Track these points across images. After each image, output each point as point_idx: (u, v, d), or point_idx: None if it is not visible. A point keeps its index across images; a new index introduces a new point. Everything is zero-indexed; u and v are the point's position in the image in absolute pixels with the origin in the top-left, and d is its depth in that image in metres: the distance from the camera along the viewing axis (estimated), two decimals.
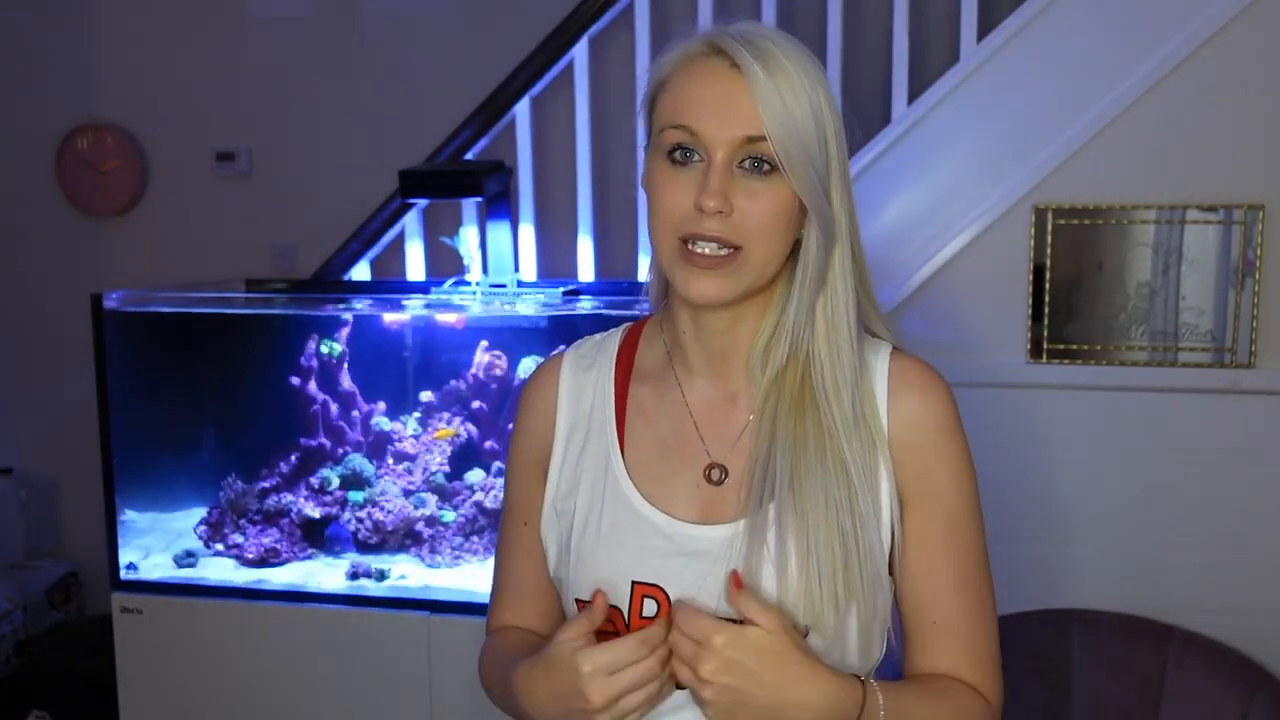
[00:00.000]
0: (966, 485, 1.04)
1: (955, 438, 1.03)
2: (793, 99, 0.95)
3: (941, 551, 1.03)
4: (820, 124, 0.96)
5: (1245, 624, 2.19)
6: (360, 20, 3.11)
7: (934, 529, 1.02)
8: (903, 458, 1.01)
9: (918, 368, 1.04)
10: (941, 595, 1.03)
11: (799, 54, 0.97)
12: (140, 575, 2.26)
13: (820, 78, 0.98)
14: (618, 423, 1.08)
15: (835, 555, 0.96)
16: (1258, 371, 2.17)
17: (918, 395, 1.02)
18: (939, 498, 1.02)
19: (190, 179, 3.28)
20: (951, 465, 1.03)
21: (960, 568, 1.04)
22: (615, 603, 1.02)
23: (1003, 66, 2.23)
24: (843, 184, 1.00)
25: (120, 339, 2.22)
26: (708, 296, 0.98)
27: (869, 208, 2.32)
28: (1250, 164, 2.15)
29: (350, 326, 2.37)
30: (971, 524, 1.05)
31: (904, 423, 1.01)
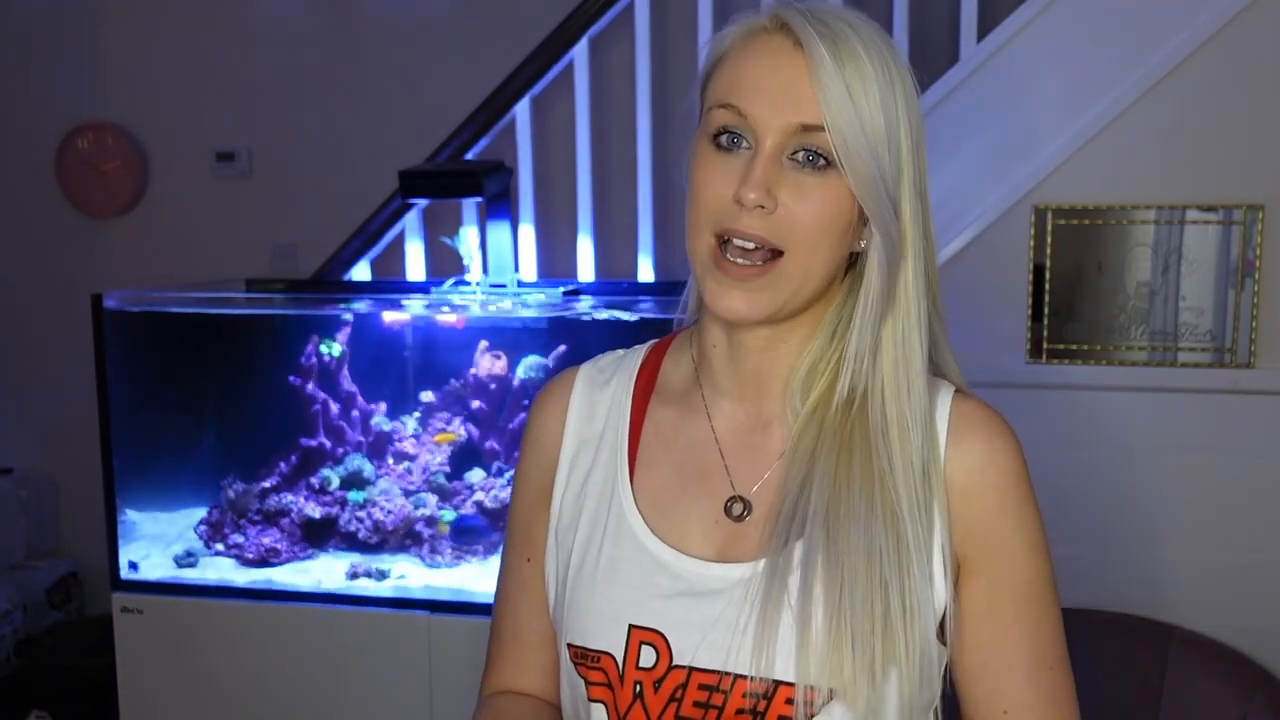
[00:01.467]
0: (1041, 547, 0.92)
1: (1024, 492, 0.90)
2: (860, 89, 0.82)
3: (1013, 625, 0.89)
4: (892, 122, 0.84)
5: (1245, 624, 2.19)
6: (361, 21, 3.11)
7: (1004, 597, 0.89)
8: (963, 510, 0.88)
9: (984, 412, 0.91)
10: (1014, 679, 0.89)
11: (877, 42, 0.85)
12: (140, 575, 2.26)
13: (900, 73, 0.86)
14: (630, 446, 0.96)
15: (875, 611, 0.82)
16: (1258, 371, 2.17)
17: (982, 442, 0.89)
18: (1009, 560, 0.89)
19: (190, 179, 3.28)
20: (1021, 523, 0.90)
21: (1036, 647, 0.90)
22: (609, 649, 0.89)
23: (1003, 66, 2.23)
24: (916, 195, 0.88)
25: (120, 339, 2.22)
26: (737, 312, 0.86)
27: None
28: (1250, 164, 2.15)
29: (350, 326, 2.37)
30: (1049, 594, 0.92)
31: (965, 470, 0.88)
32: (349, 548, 2.31)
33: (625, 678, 0.88)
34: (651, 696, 0.87)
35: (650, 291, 2.43)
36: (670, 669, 0.87)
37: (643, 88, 2.45)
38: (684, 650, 0.87)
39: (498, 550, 2.27)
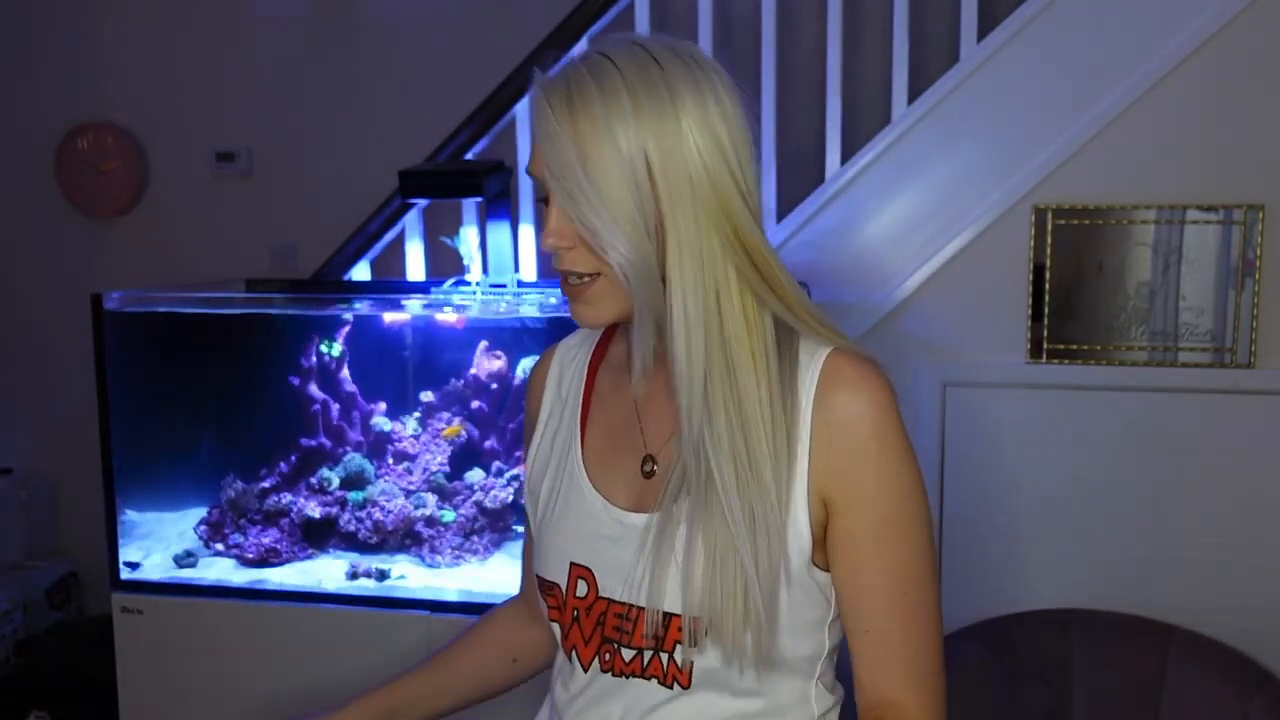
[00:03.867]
0: (901, 489, 0.99)
1: (886, 439, 0.98)
2: (570, 134, 0.92)
3: (871, 558, 0.99)
4: (632, 160, 0.92)
5: (1245, 624, 2.19)
6: (360, 20, 3.11)
7: (860, 535, 0.98)
8: (823, 459, 0.98)
9: (853, 366, 0.99)
10: (870, 603, 1.00)
11: (620, 86, 0.93)
12: (140, 575, 2.26)
13: (659, 110, 0.93)
14: (584, 410, 1.12)
15: (738, 556, 0.95)
16: (1258, 372, 2.17)
17: (845, 393, 0.98)
18: (867, 503, 0.98)
19: (190, 179, 3.28)
20: (880, 468, 0.98)
21: (891, 576, 0.99)
22: (557, 580, 1.07)
23: (1003, 66, 2.23)
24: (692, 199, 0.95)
25: (120, 339, 2.21)
26: (586, 320, 1.02)
27: (869, 208, 2.32)
28: (1250, 164, 2.15)
29: (350, 326, 2.37)
30: (906, 530, 1.00)
31: (826, 422, 0.98)
32: (349, 548, 2.30)
33: (566, 604, 1.06)
34: (585, 619, 1.05)
35: None
36: (596, 600, 1.04)
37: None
38: (605, 585, 1.03)
39: (497, 550, 2.27)
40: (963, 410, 2.30)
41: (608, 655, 1.03)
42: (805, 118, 2.65)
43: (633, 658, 1.02)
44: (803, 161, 2.66)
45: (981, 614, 2.29)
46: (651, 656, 1.01)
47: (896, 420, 0.99)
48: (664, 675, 1.01)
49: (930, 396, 2.31)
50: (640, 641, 1.00)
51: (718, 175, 0.95)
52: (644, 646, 1.00)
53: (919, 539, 1.00)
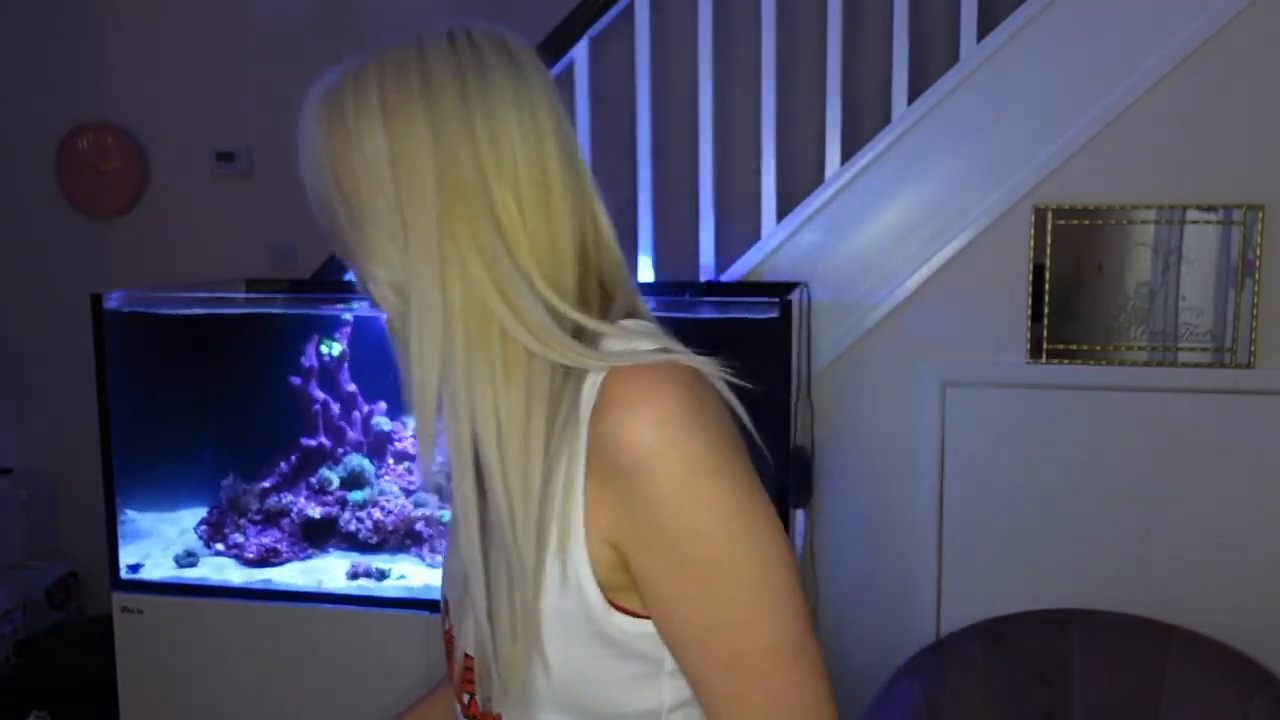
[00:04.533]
0: (696, 522, 0.78)
1: (669, 465, 0.77)
2: (306, 144, 0.88)
3: (670, 606, 0.80)
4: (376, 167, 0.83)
5: (1245, 624, 2.19)
6: (361, 20, 3.11)
7: (654, 580, 0.80)
8: (599, 496, 0.80)
9: (631, 382, 0.80)
10: (689, 659, 0.82)
11: (335, 99, 0.86)
12: (140, 575, 2.26)
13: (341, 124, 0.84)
14: None
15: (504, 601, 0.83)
16: (1258, 371, 2.17)
17: (616, 417, 0.79)
18: (654, 543, 0.79)
19: (190, 179, 3.28)
20: (657, 503, 0.78)
21: (701, 626, 0.80)
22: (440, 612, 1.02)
23: (1003, 66, 2.23)
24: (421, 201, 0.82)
25: (120, 339, 2.21)
26: None
27: (870, 207, 2.32)
28: (1250, 164, 2.15)
29: (350, 326, 2.37)
30: (712, 571, 0.79)
31: (599, 454, 0.79)
32: (349, 548, 2.31)
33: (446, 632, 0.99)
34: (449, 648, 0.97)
35: (650, 291, 2.44)
36: (446, 632, 0.98)
37: (643, 88, 2.45)
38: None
39: None
40: (963, 410, 2.30)
41: (467, 699, 0.92)
42: (805, 118, 2.65)
43: (469, 701, 0.92)
44: (803, 161, 2.66)
45: (981, 614, 2.29)
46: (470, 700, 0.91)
47: (685, 440, 0.78)
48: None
49: (930, 396, 2.31)
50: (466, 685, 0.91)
51: (478, 179, 0.82)
52: (469, 690, 0.91)
53: (735, 579, 0.79)
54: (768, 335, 1.99)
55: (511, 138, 0.83)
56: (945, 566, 2.35)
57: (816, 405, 2.36)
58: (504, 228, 0.82)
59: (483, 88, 0.85)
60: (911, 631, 2.37)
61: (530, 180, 0.83)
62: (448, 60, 0.86)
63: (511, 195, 0.83)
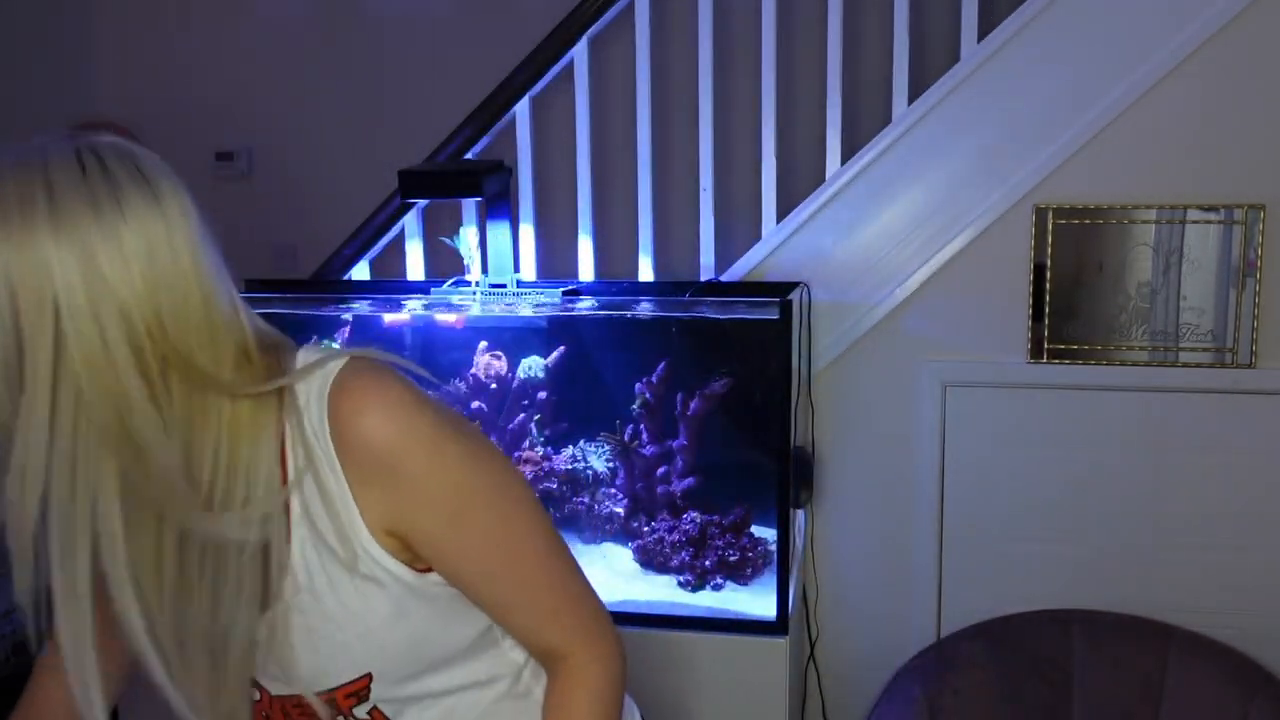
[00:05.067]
0: (446, 483, 0.92)
1: (406, 449, 0.90)
2: None
3: (452, 556, 0.94)
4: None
5: (1245, 624, 2.19)
6: (360, 20, 3.11)
7: (437, 540, 0.93)
8: (366, 500, 0.91)
9: (344, 394, 0.91)
10: (483, 591, 0.97)
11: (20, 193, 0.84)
12: None
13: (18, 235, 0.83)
14: None
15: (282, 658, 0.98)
16: (1258, 371, 2.17)
17: (351, 423, 0.90)
18: (426, 514, 0.92)
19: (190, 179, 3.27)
20: (414, 479, 0.91)
21: (481, 560, 0.95)
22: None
23: (1003, 66, 2.23)
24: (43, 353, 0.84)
25: None
26: None
27: (870, 207, 2.32)
28: (1250, 164, 2.15)
29: (350, 326, 2.36)
30: (475, 515, 0.94)
31: (350, 460, 0.90)
32: None
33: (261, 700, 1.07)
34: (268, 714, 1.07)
35: (650, 291, 2.43)
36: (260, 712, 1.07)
37: (643, 88, 2.45)
38: None
39: None
40: (963, 410, 2.30)
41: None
42: (805, 118, 2.65)
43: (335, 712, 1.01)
44: (803, 161, 2.66)
45: (981, 614, 2.29)
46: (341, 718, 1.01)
47: (415, 420, 0.91)
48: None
49: (930, 396, 2.30)
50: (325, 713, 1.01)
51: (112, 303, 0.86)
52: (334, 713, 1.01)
53: (491, 518, 0.95)
54: (768, 335, 1.99)
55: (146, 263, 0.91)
56: (945, 566, 2.35)
57: (816, 405, 2.36)
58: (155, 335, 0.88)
59: (116, 212, 0.89)
60: (911, 631, 2.37)
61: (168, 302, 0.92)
62: (78, 185, 0.87)
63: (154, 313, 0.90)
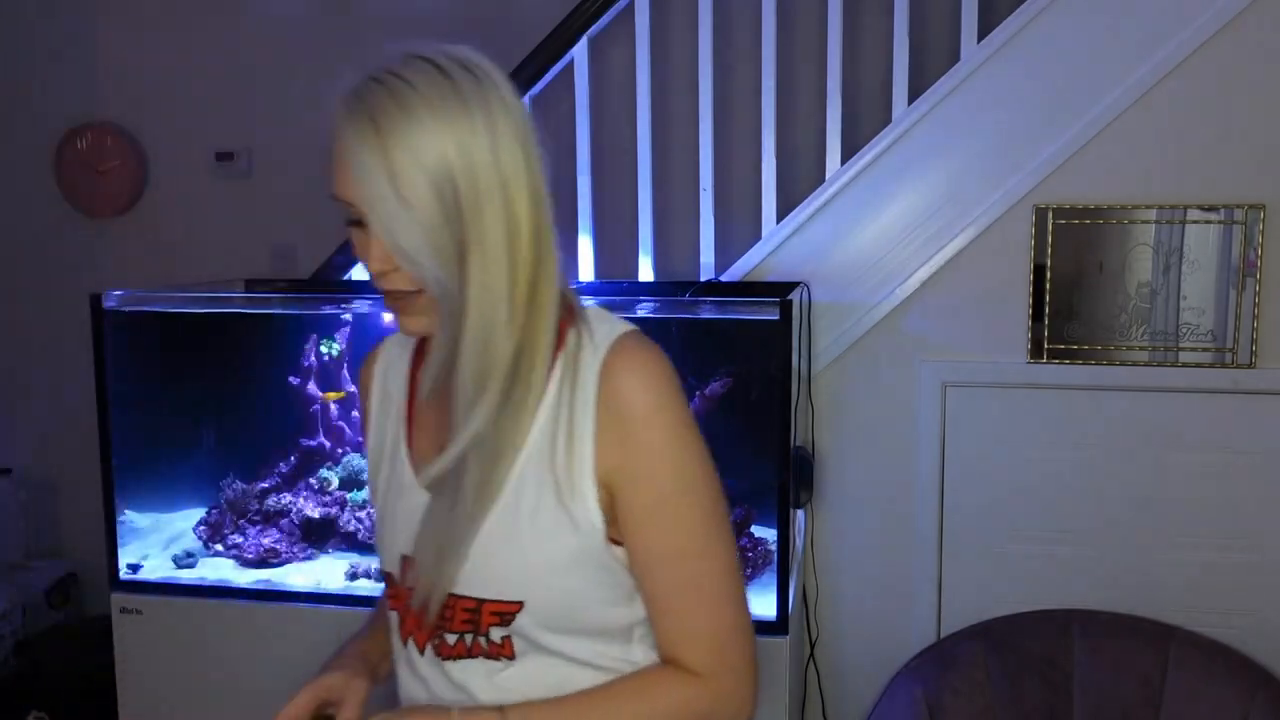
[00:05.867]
0: (677, 465, 1.02)
1: (660, 420, 1.01)
2: (380, 163, 0.94)
3: (648, 530, 1.03)
4: (438, 176, 0.94)
5: (1245, 624, 2.19)
6: (360, 20, 3.11)
7: (640, 510, 1.02)
8: (604, 444, 1.01)
9: (627, 354, 1.03)
10: (652, 573, 1.04)
11: (418, 103, 0.95)
12: (140, 576, 2.26)
13: (455, 123, 0.95)
14: (408, 407, 1.15)
15: (504, 536, 1.01)
16: (1258, 371, 2.17)
17: (623, 378, 1.01)
18: (644, 481, 1.02)
19: (190, 179, 3.28)
20: (654, 448, 1.01)
21: (672, 545, 1.03)
22: (392, 570, 1.12)
23: (1003, 66, 2.23)
24: (491, 222, 0.97)
25: (120, 339, 2.21)
26: (411, 331, 1.05)
27: (870, 208, 2.32)
28: (1250, 164, 2.15)
29: (350, 326, 2.37)
30: (686, 502, 1.03)
31: (606, 410, 1.01)
32: (349, 548, 2.30)
33: (400, 593, 1.11)
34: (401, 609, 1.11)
35: (650, 292, 2.43)
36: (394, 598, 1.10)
37: (643, 88, 2.45)
38: None
39: None
40: (963, 410, 2.30)
41: (437, 640, 1.07)
42: (805, 118, 2.65)
43: (455, 641, 1.06)
44: (803, 161, 2.66)
45: (981, 614, 2.29)
46: (473, 639, 1.05)
47: (672, 402, 1.02)
48: (489, 654, 1.05)
49: (930, 396, 2.30)
50: (458, 626, 1.05)
51: (518, 185, 0.98)
52: (463, 630, 1.05)
53: (698, 514, 1.03)
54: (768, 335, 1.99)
55: (530, 145, 1.00)
56: (945, 566, 2.35)
57: (816, 405, 2.36)
58: (545, 226, 1.00)
59: (503, 104, 0.99)
60: (911, 631, 2.37)
61: (543, 183, 1.01)
62: (468, 80, 0.97)
63: (541, 200, 1.00)
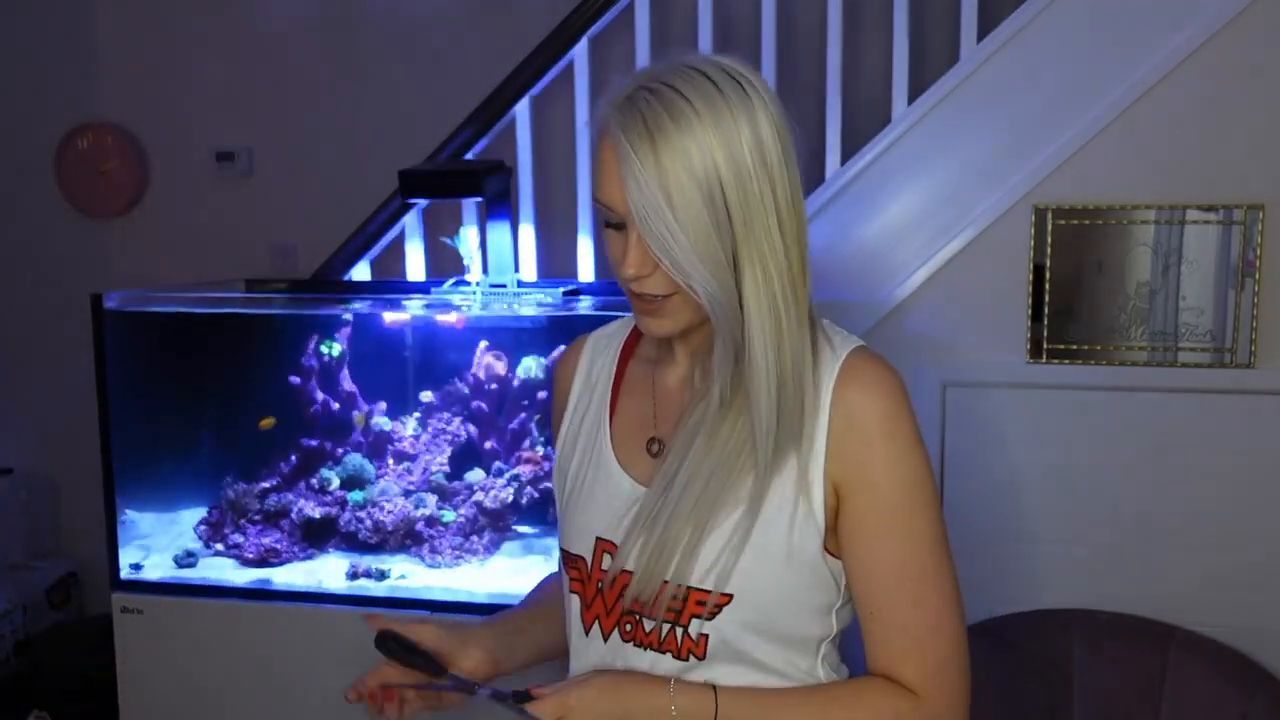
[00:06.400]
0: (908, 477, 1.06)
1: (896, 433, 1.05)
2: (653, 172, 0.96)
3: (877, 541, 1.05)
4: (709, 185, 0.97)
5: (1245, 624, 2.19)
6: (360, 20, 3.11)
7: (870, 519, 1.05)
8: (838, 449, 1.04)
9: (866, 366, 1.07)
10: (878, 586, 1.05)
11: (690, 114, 0.97)
12: (140, 575, 2.26)
13: (725, 132, 0.98)
14: (613, 395, 1.19)
15: (731, 529, 1.02)
16: (1258, 371, 2.17)
17: (861, 390, 1.05)
18: (875, 490, 1.04)
19: (190, 179, 3.28)
20: (888, 458, 1.04)
21: (900, 559, 1.05)
22: (582, 554, 1.12)
23: (1003, 66, 2.23)
24: (770, 219, 1.00)
25: (120, 339, 2.21)
26: (658, 332, 1.08)
27: (869, 208, 2.32)
28: (1250, 164, 2.15)
29: (350, 326, 2.37)
30: (913, 519, 1.06)
31: (842, 416, 1.04)
32: (349, 548, 2.31)
33: (591, 576, 1.11)
34: (609, 591, 1.10)
35: None
36: (620, 572, 1.08)
37: None
38: (629, 558, 1.07)
39: (497, 551, 2.27)
40: (963, 410, 2.30)
41: (629, 626, 1.08)
42: (805, 118, 2.65)
43: (653, 629, 1.07)
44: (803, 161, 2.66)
45: (982, 614, 2.29)
46: (669, 630, 1.06)
47: (908, 416, 1.06)
48: (679, 649, 1.06)
49: (930, 396, 2.31)
50: (659, 614, 1.05)
51: (783, 193, 1.01)
52: (665, 619, 1.06)
53: (926, 529, 1.06)
54: None
55: (790, 155, 1.04)
56: None
57: None
58: (804, 235, 1.05)
59: (768, 115, 1.01)
60: None
61: (801, 191, 1.05)
62: (737, 93, 1.00)
63: (801, 210, 1.05)
